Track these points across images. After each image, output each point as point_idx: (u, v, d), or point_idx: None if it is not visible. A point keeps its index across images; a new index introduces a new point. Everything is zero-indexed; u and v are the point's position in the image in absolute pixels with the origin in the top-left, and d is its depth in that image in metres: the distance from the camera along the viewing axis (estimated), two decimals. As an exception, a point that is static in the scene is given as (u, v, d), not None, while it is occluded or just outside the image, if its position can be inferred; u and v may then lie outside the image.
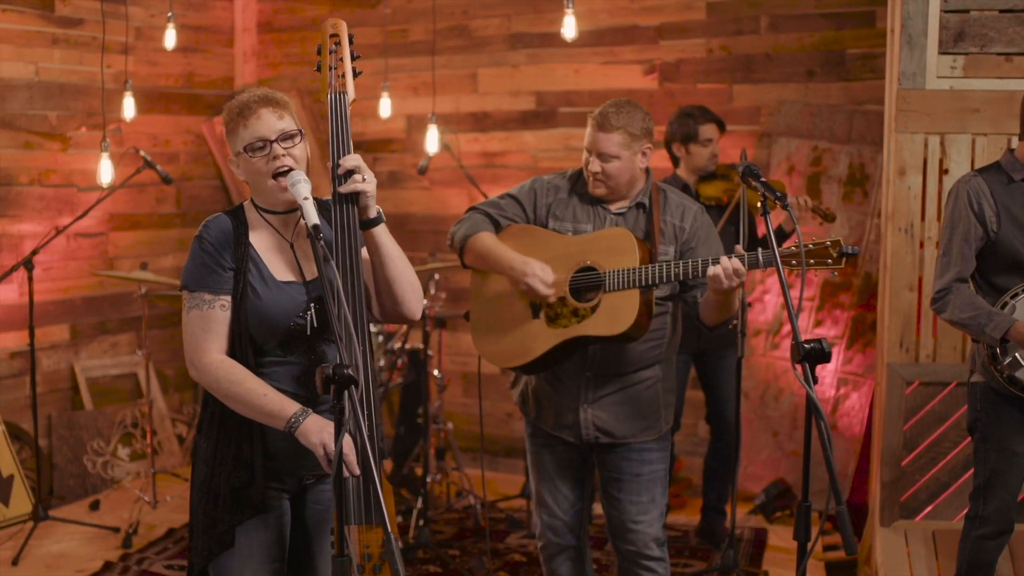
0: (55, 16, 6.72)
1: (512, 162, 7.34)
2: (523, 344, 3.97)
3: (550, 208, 4.02)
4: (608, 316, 3.81)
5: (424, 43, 7.51)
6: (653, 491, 4.08)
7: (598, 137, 3.91)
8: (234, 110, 3.15)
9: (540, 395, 4.09)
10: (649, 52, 6.96)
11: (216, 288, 3.12)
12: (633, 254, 3.81)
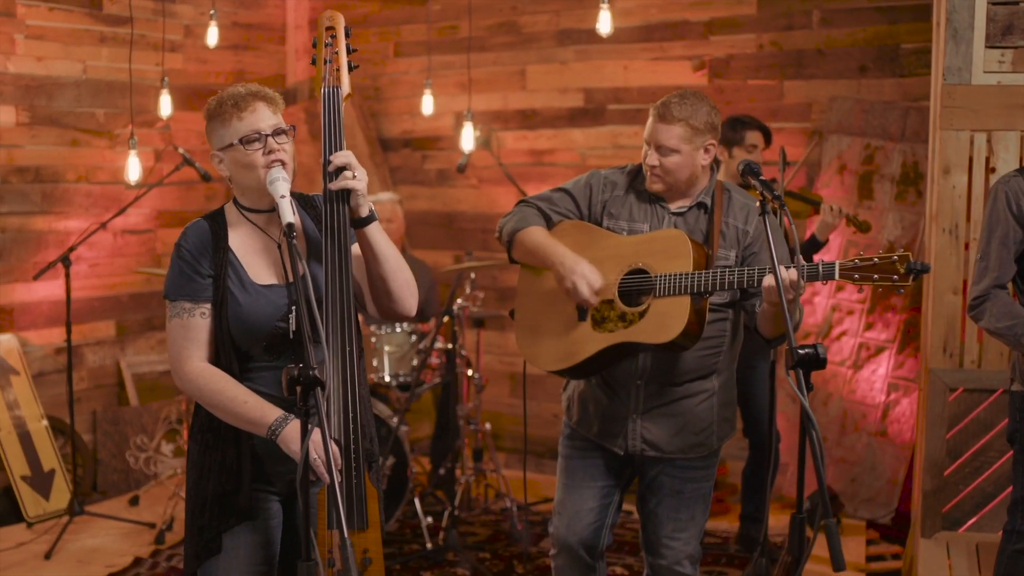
0: (103, 15, 6.76)
1: (560, 160, 7.24)
2: (568, 347, 3.75)
3: (605, 205, 3.80)
4: (656, 323, 3.59)
5: (473, 40, 7.44)
6: (694, 509, 3.88)
7: (658, 128, 3.68)
8: (227, 102, 3.10)
9: (588, 400, 3.88)
10: (699, 48, 6.83)
11: (195, 296, 3.08)
12: (687, 258, 3.58)
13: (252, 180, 3.08)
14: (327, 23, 3.26)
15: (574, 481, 3.90)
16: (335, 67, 3.23)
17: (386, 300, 3.17)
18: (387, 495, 5.56)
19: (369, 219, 3.08)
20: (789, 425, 6.51)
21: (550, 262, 3.71)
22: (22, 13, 6.35)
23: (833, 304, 6.47)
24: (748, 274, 3.50)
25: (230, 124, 3.07)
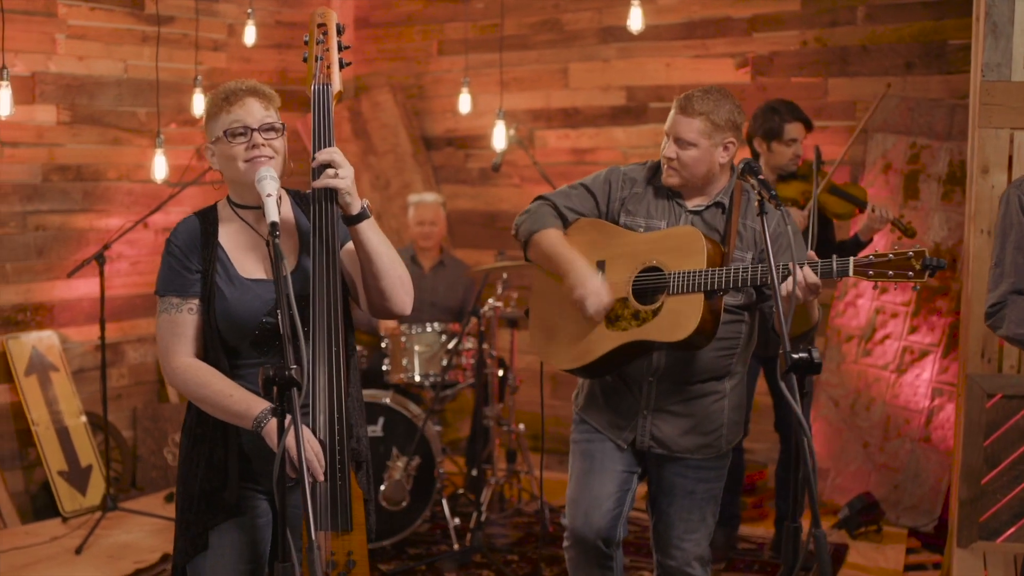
0: (144, 14, 6.80)
1: (602, 159, 7.16)
2: (582, 346, 3.74)
3: (624, 202, 3.79)
4: (670, 320, 3.56)
5: (515, 38, 7.40)
6: (705, 510, 3.84)
7: (678, 120, 3.67)
8: (219, 96, 3.11)
9: (600, 392, 3.86)
10: (741, 45, 6.71)
11: (184, 292, 3.08)
12: (701, 255, 3.54)
13: (235, 173, 3.08)
14: (319, 20, 3.25)
15: (592, 465, 3.83)
16: (326, 64, 3.21)
17: (379, 298, 3.15)
18: (413, 495, 5.52)
19: (361, 216, 3.04)
20: (832, 430, 6.39)
21: (563, 270, 3.72)
22: (63, 13, 6.41)
23: (877, 307, 6.32)
24: (762, 272, 3.44)
25: (219, 117, 3.07)
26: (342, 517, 3.04)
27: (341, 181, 3.00)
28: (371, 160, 7.78)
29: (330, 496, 3.03)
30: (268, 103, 3.11)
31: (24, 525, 6.07)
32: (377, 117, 7.72)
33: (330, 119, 3.14)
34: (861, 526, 5.95)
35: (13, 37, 6.19)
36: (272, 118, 3.09)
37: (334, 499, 3.03)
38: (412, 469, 5.49)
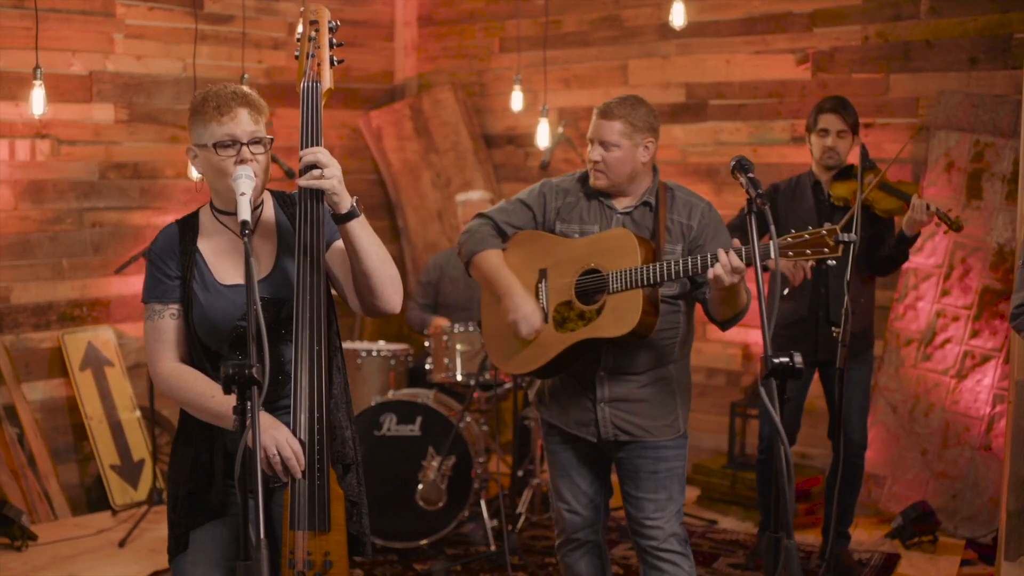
0: (203, 13, 6.87)
1: (661, 157, 7.01)
2: (534, 350, 3.97)
3: (558, 212, 4.01)
4: (614, 317, 3.79)
5: (576, 35, 7.32)
6: (671, 488, 4.00)
7: (600, 124, 3.92)
8: (211, 102, 3.06)
9: (557, 394, 4.07)
10: (802, 40, 6.55)
11: (165, 298, 3.12)
12: (635, 254, 3.77)
13: (222, 185, 3.07)
14: (312, 17, 3.23)
15: (564, 469, 4.10)
16: (317, 62, 3.18)
17: (368, 296, 3.12)
18: (450, 495, 5.49)
19: (350, 215, 3.00)
20: (889, 436, 6.20)
21: (499, 294, 4.00)
22: (121, 13, 6.49)
23: (938, 309, 6.12)
24: (692, 262, 3.64)
25: (209, 126, 3.03)
26: (320, 517, 3.01)
27: (326, 182, 2.96)
28: (432, 158, 7.77)
29: (308, 496, 3.00)
30: (258, 115, 3.09)
31: (75, 517, 6.17)
32: (438, 115, 7.71)
33: (318, 117, 3.12)
34: (915, 536, 5.76)
35: (71, 37, 6.31)
36: (261, 132, 3.07)
37: (311, 499, 3.01)
38: (447, 469, 5.45)
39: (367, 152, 7.91)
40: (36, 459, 6.13)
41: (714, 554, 5.67)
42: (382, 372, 5.95)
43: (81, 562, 5.46)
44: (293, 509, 3.01)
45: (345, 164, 7.52)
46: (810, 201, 5.32)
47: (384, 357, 5.96)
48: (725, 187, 6.78)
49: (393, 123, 7.79)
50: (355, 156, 7.88)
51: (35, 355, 6.29)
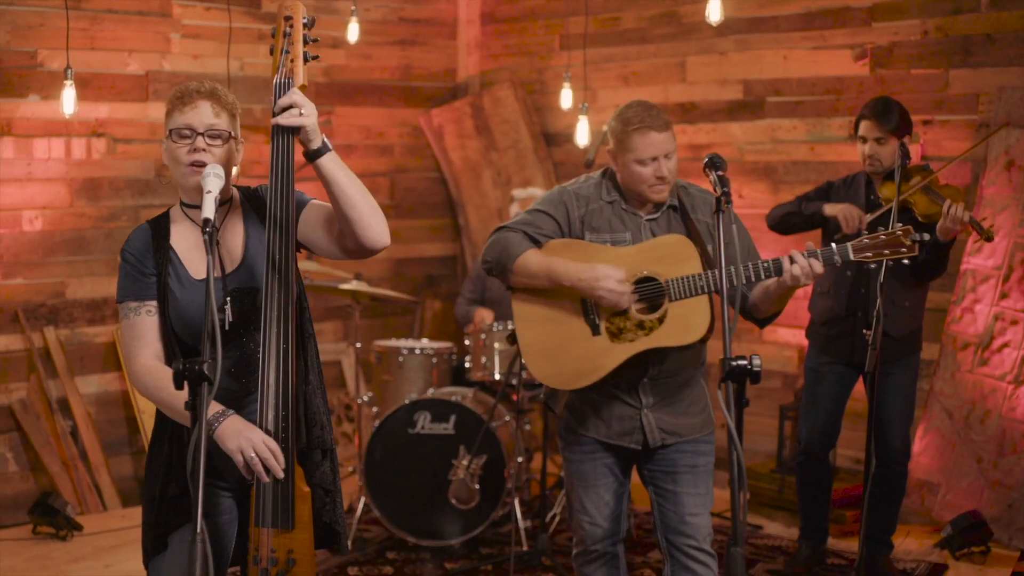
0: (261, 13, 6.95)
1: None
2: (588, 363, 3.78)
3: (584, 220, 3.85)
4: (678, 325, 3.69)
5: (634, 31, 7.25)
6: (708, 483, 3.95)
7: (665, 139, 3.76)
8: (176, 94, 3.13)
9: (593, 404, 3.91)
10: (860, 36, 6.38)
11: (140, 295, 3.13)
12: (695, 260, 3.70)
13: (176, 174, 3.11)
14: (286, 12, 3.22)
15: (590, 481, 3.96)
16: (291, 58, 3.18)
17: (357, 231, 3.05)
18: (483, 495, 5.47)
19: (322, 150, 2.99)
20: (944, 443, 6.01)
21: (566, 280, 3.73)
22: (178, 13, 6.60)
23: (996, 312, 5.91)
24: (764, 267, 3.62)
25: (172, 115, 3.10)
26: (283, 515, 3.02)
27: (306, 119, 2.96)
28: (492, 156, 7.76)
29: (272, 494, 3.01)
30: (221, 109, 3.10)
31: (123, 509, 6.28)
32: (498, 113, 7.69)
33: None
34: (964, 546, 5.58)
35: (127, 38, 6.43)
36: (221, 124, 3.08)
37: (276, 497, 3.01)
38: (477, 468, 5.43)
39: (428, 150, 7.92)
40: (88, 452, 6.26)
41: (753, 560, 5.56)
42: (424, 370, 5.95)
43: (121, 553, 5.57)
44: (258, 506, 3.02)
45: (406, 162, 7.66)
46: (861, 200, 5.20)
47: (426, 355, 5.96)
48: (783, 186, 6.65)
49: (454, 121, 7.80)
50: (416, 154, 7.90)
51: (90, 349, 6.42)
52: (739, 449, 2.70)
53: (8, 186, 6.07)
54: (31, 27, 6.01)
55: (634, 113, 3.76)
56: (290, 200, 3.07)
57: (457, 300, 6.63)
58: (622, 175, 3.82)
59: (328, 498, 3.21)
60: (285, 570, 3.02)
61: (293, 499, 3.02)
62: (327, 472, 3.20)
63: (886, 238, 3.56)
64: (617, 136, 3.79)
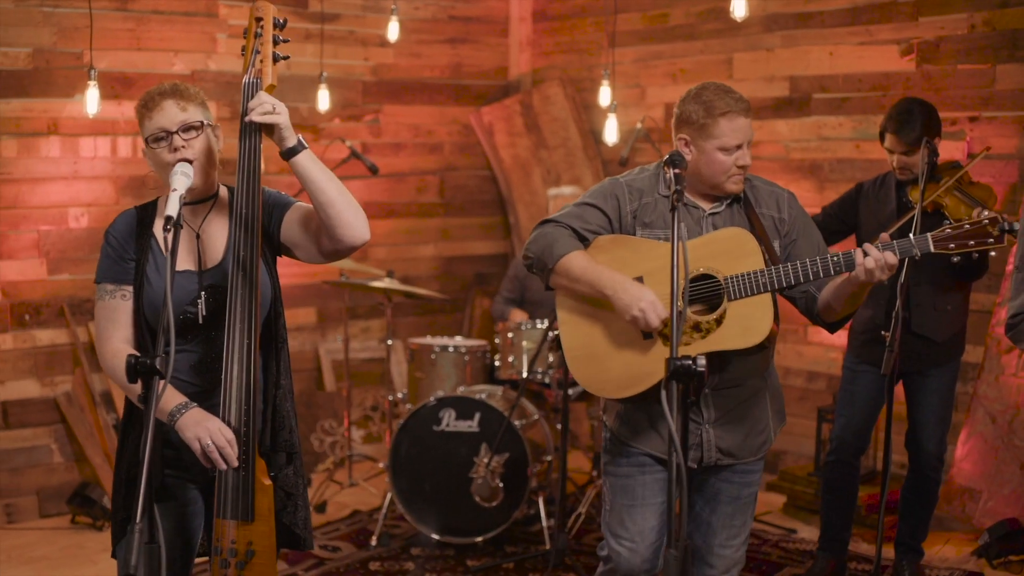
0: (307, 12, 7.02)
1: (764, 153, 6.84)
2: (639, 369, 3.49)
3: (636, 215, 3.56)
4: (740, 327, 3.41)
5: (682, 28, 7.18)
6: (747, 514, 3.72)
7: (750, 124, 3.56)
8: (141, 103, 3.20)
9: (647, 416, 3.61)
10: (907, 30, 6.23)
11: (118, 279, 3.19)
12: (756, 255, 3.43)
13: (164, 176, 3.15)
14: (257, 13, 3.28)
15: (636, 500, 3.65)
16: (261, 59, 3.23)
17: (336, 228, 3.08)
18: (507, 493, 5.46)
19: (298, 148, 3.07)
20: (987, 448, 5.86)
21: (607, 292, 3.45)
22: (224, 14, 6.69)
23: (1042, 315, 5.73)
24: (835, 261, 3.38)
25: (144, 124, 3.16)
26: (243, 507, 3.05)
27: (279, 117, 3.04)
28: (542, 154, 7.74)
29: (232, 486, 3.04)
30: (186, 103, 3.15)
31: (162, 501, 6.38)
32: (547, 111, 7.67)
33: None
34: (1002, 554, 5.43)
35: (173, 38, 6.53)
36: (189, 116, 3.13)
37: (236, 489, 3.05)
38: (498, 466, 5.42)
39: (479, 148, 7.93)
40: (130, 444, 6.38)
41: (780, 564, 5.47)
42: (456, 368, 5.95)
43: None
44: (218, 498, 3.06)
45: (456, 160, 7.69)
46: (893, 203, 5.07)
47: (458, 353, 5.96)
48: (828, 184, 6.53)
49: (504, 119, 7.80)
50: (466, 152, 7.91)
51: (134, 344, 6.54)
52: (679, 451, 2.63)
53: (55, 184, 6.20)
54: (77, 28, 6.13)
55: (717, 96, 3.51)
56: (256, 199, 3.10)
57: (495, 298, 6.63)
58: (698, 164, 3.52)
59: (289, 501, 3.26)
60: (244, 561, 3.05)
61: (253, 492, 3.06)
62: (290, 475, 3.26)
63: (971, 227, 3.32)
64: (698, 121, 3.50)
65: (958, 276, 4.98)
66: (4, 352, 6.11)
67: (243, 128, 3.13)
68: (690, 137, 3.54)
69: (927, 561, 5.40)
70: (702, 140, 3.51)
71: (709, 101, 3.50)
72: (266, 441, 3.18)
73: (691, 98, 3.56)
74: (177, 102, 3.12)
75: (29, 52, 6.06)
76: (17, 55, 6.04)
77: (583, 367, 3.59)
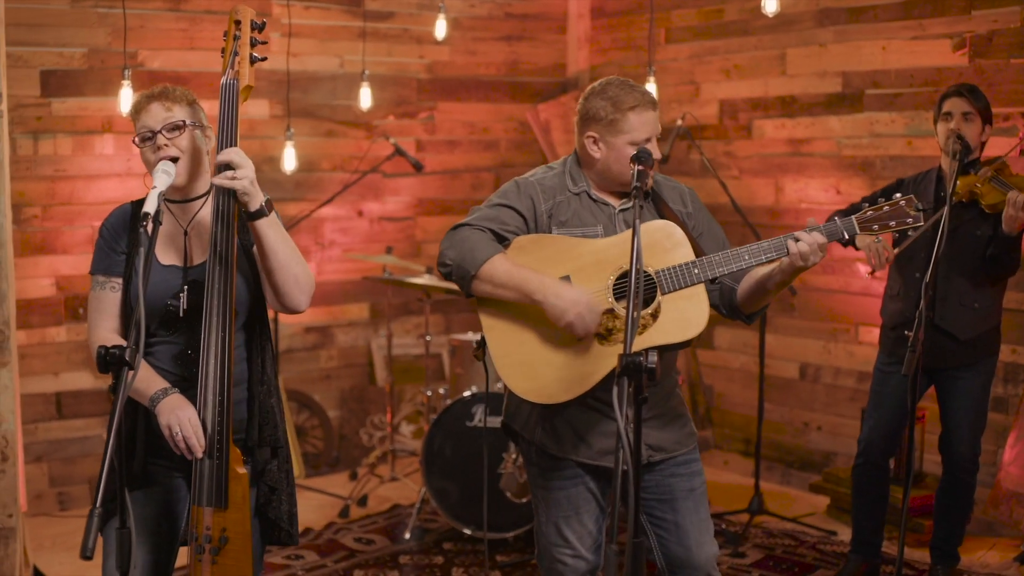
0: (362, 11, 7.09)
1: (817, 150, 6.74)
2: (577, 371, 3.40)
3: (551, 213, 3.51)
4: (675, 320, 3.36)
5: (736, 23, 7.11)
6: (707, 505, 3.67)
7: (656, 118, 3.49)
8: (132, 106, 3.34)
9: (571, 422, 3.55)
10: (960, 24, 6.10)
11: (109, 270, 3.31)
12: (685, 247, 3.39)
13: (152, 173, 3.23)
14: (236, 16, 3.38)
15: (570, 510, 3.63)
16: (240, 60, 3.31)
17: (274, 293, 3.27)
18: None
19: (258, 214, 3.16)
20: (1036, 452, 5.70)
21: (536, 298, 3.35)
22: (277, 13, 6.80)
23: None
24: (765, 247, 3.37)
25: (135, 126, 3.29)
26: (216, 495, 3.13)
27: (238, 182, 3.11)
28: (598, 152, 7.72)
29: (207, 474, 3.12)
30: (172, 103, 3.26)
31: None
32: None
33: (235, 116, 3.26)
34: (1042, 561, 5.30)
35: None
36: (175, 117, 3.24)
37: (210, 477, 3.13)
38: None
39: (535, 146, 7.93)
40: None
41: (813, 566, 5.40)
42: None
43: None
44: (194, 486, 3.14)
45: (512, 157, 7.70)
46: (931, 197, 4.98)
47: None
48: (880, 182, 6.40)
49: (560, 116, 7.80)
50: (522, 149, 7.92)
51: (185, 337, 6.69)
52: (627, 448, 2.59)
53: (109, 181, 6.36)
54: (131, 28, 6.28)
55: (624, 91, 3.45)
56: (230, 196, 3.16)
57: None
58: (607, 161, 3.48)
59: (273, 496, 3.35)
60: (218, 547, 3.14)
61: (227, 480, 3.14)
62: (274, 470, 3.35)
63: (890, 208, 3.37)
64: (606, 117, 3.44)
65: (989, 272, 4.87)
66: (59, 344, 6.29)
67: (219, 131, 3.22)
68: (598, 134, 3.48)
69: (966, 566, 5.28)
70: (611, 136, 3.46)
71: (616, 96, 3.45)
72: (252, 435, 3.28)
73: (596, 95, 3.50)
74: (163, 104, 3.23)
75: (84, 52, 6.24)
76: (72, 55, 6.22)
77: (516, 375, 3.47)
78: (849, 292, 6.62)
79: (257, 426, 3.29)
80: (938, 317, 4.87)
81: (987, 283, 4.93)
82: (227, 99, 3.24)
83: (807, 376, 6.88)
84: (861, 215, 3.40)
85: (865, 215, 3.40)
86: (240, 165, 3.10)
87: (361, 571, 5.29)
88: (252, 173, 3.13)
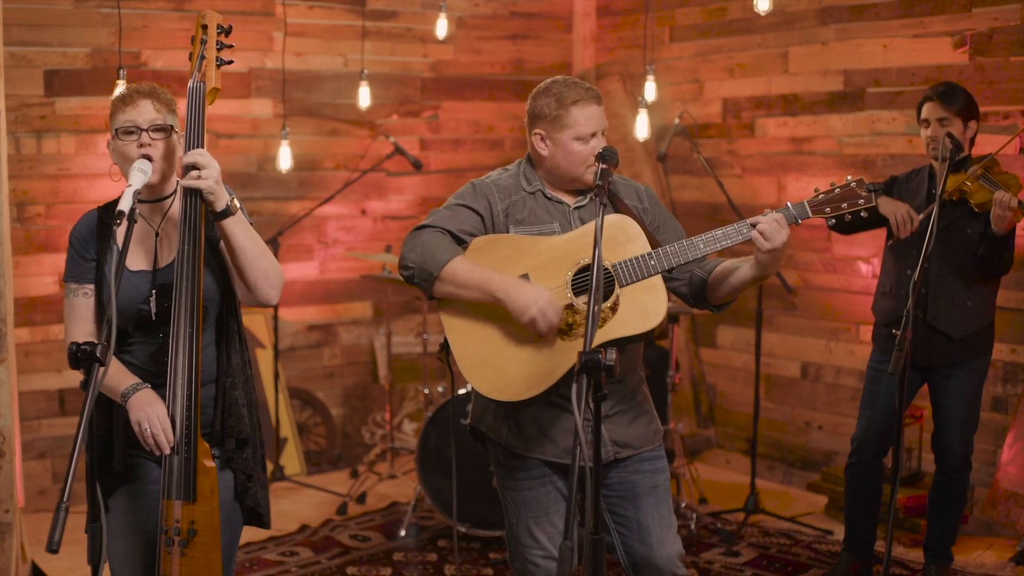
0: (365, 10, 7.12)
1: (819, 148, 6.73)
2: (540, 367, 3.42)
3: (508, 212, 3.55)
4: (635, 311, 3.39)
5: (740, 22, 7.10)
6: (670, 501, 3.69)
7: (602, 112, 3.55)
8: (118, 96, 3.35)
9: (535, 420, 3.57)
10: (960, 22, 6.07)
11: (80, 278, 3.36)
12: (641, 239, 3.43)
13: (125, 169, 3.28)
14: (203, 21, 3.43)
15: (539, 510, 3.65)
16: (207, 63, 3.35)
17: (245, 288, 3.33)
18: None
19: (224, 213, 3.20)
20: (1034, 451, 5.67)
21: (499, 296, 3.39)
22: (281, 12, 6.83)
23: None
24: (737, 230, 3.40)
25: (115, 116, 3.30)
26: (185, 488, 3.18)
27: (203, 182, 3.15)
28: (603, 150, 7.72)
29: (176, 468, 3.16)
30: (162, 106, 3.29)
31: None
32: (608, 106, 7.56)
33: (202, 118, 3.29)
34: (1038, 561, 5.27)
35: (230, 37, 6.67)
36: (162, 120, 3.27)
37: (179, 471, 3.17)
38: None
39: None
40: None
41: (808, 565, 5.39)
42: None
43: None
44: (165, 479, 3.18)
45: (517, 156, 7.73)
46: (923, 194, 4.98)
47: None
48: (881, 179, 6.36)
49: (565, 115, 7.80)
50: (526, 148, 7.87)
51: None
52: (583, 445, 2.60)
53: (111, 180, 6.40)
54: (134, 28, 6.34)
55: (567, 87, 3.51)
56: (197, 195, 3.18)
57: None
58: (555, 158, 3.54)
59: (250, 482, 3.40)
60: (187, 540, 3.18)
61: (195, 474, 3.18)
62: (248, 459, 3.39)
63: (840, 191, 3.40)
64: (551, 114, 3.51)
65: (982, 270, 4.86)
66: (62, 342, 6.32)
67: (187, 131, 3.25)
68: (545, 132, 3.55)
69: (961, 566, 5.26)
70: (557, 132, 3.52)
71: (559, 92, 3.52)
72: (216, 427, 3.31)
73: (541, 93, 3.58)
74: (153, 103, 3.27)
75: (88, 52, 6.29)
76: (76, 55, 6.28)
77: (479, 374, 3.49)
78: (850, 291, 6.60)
79: (221, 418, 3.33)
80: (931, 316, 4.87)
81: (980, 281, 4.92)
82: (194, 101, 3.28)
83: (808, 375, 6.87)
84: (813, 199, 3.42)
85: (817, 198, 3.42)
86: (205, 166, 3.14)
87: (355, 568, 5.32)
88: (217, 173, 3.17)
